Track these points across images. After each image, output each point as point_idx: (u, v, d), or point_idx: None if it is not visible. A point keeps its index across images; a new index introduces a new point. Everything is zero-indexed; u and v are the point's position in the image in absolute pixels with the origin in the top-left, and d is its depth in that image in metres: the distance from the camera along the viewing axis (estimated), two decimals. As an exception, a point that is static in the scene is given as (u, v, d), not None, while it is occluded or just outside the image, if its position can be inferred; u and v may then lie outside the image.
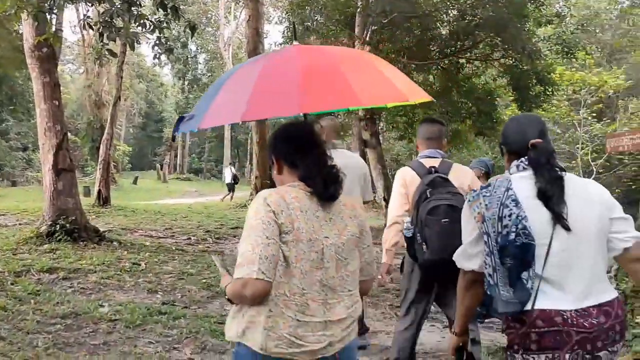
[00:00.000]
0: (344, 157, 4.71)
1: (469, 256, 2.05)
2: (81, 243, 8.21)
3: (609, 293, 1.97)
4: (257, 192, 16.90)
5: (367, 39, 13.02)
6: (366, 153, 14.02)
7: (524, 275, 1.90)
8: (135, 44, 7.65)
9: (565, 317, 1.88)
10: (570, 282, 1.91)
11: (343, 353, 1.97)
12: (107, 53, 8.58)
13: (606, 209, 2.01)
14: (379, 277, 3.59)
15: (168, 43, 7.94)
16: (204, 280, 6.59)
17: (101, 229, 9.22)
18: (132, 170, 47.58)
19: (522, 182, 2.00)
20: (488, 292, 1.97)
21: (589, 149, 23.85)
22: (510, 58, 13.76)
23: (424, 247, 3.20)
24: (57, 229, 8.19)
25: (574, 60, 16.79)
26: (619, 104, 27.26)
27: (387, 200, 13.46)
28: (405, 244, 3.35)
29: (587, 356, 1.88)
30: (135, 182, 34.40)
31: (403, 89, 2.33)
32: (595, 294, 1.92)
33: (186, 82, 50.82)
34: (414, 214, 3.27)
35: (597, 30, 29.45)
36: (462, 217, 2.11)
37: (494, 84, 16.04)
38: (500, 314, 1.96)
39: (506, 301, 1.92)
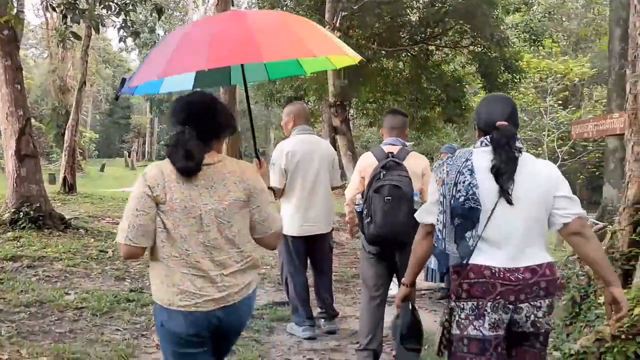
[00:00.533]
0: (313, 143, 4.69)
1: (430, 212, 2.36)
2: (46, 231, 8.02)
3: (540, 258, 2.24)
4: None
5: (337, 24, 12.97)
6: (336, 139, 14.03)
7: (468, 234, 2.23)
8: (100, 26, 7.47)
9: (493, 271, 2.19)
10: (504, 245, 2.21)
11: (244, 305, 2.28)
12: (71, 36, 8.35)
13: (552, 187, 2.28)
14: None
15: (134, 26, 7.77)
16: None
17: (67, 217, 9.03)
18: (99, 158, 46.74)
19: (481, 155, 2.29)
20: (435, 245, 2.29)
21: (554, 135, 24.31)
22: (479, 45, 13.90)
23: (368, 220, 3.62)
24: (21, 216, 7.98)
25: (541, 48, 17.04)
26: (584, 91, 27.83)
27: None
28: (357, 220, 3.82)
29: (510, 306, 2.19)
30: (102, 169, 33.79)
31: (314, 47, 2.55)
32: (525, 257, 2.21)
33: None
34: (366, 192, 3.70)
35: (564, 19, 29.93)
36: (430, 182, 2.44)
37: (462, 71, 16.20)
38: (457, 265, 2.27)
39: (450, 255, 2.26)
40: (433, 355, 3.60)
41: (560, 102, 25.18)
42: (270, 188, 2.56)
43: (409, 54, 14.86)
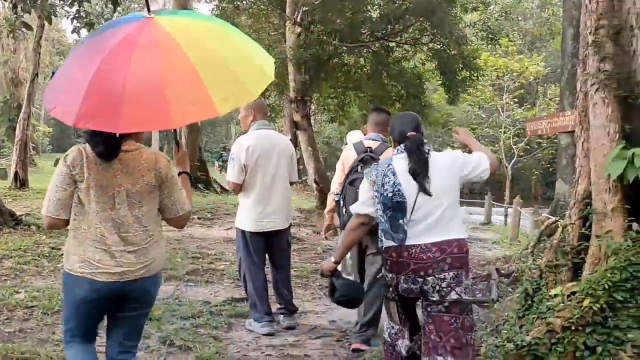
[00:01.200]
0: (272, 138, 4.67)
1: (366, 206, 2.95)
2: (-4, 227, 7.77)
3: (451, 235, 2.81)
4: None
5: (298, 19, 12.92)
6: (297, 135, 13.99)
7: (400, 221, 2.82)
8: (53, 17, 7.22)
9: (410, 252, 2.80)
10: (425, 227, 2.80)
11: (141, 281, 2.52)
12: (22, 26, 8.06)
13: (457, 170, 2.92)
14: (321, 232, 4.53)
15: (89, 17, 7.55)
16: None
17: (18, 213, 8.75)
18: (54, 152, 45.42)
19: (399, 161, 2.92)
20: (381, 228, 2.90)
21: (511, 133, 24.86)
22: (439, 43, 14.05)
23: (344, 211, 3.92)
24: (-31, 212, 7.71)
25: (498, 46, 17.36)
26: (539, 89, 28.53)
27: (317, 183, 13.53)
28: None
29: (419, 279, 2.78)
30: (56, 164, 32.53)
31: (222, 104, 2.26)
32: (439, 235, 2.79)
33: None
34: (343, 183, 4.03)
35: (520, 19, 30.59)
36: (361, 185, 3.05)
37: (422, 68, 16.33)
38: (387, 247, 2.89)
39: (391, 237, 2.85)
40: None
41: (516, 99, 25.78)
42: (216, 184, 2.83)
43: (370, 50, 14.91)
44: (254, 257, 4.58)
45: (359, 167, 3.88)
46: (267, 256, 4.72)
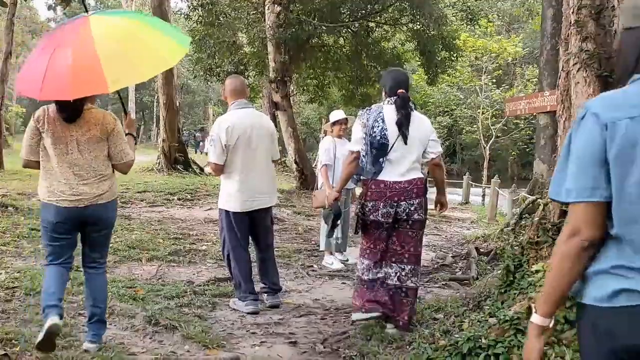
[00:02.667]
0: (252, 117, 4.63)
1: (357, 144, 3.90)
2: (-29, 209, 7.63)
3: (416, 175, 3.88)
4: (164, 156, 16.46)
5: (278, -1, 12.80)
6: (277, 115, 13.93)
7: (381, 159, 3.82)
8: (27, -7, 7.03)
9: (386, 184, 3.80)
10: (397, 166, 3.82)
11: (94, 207, 3.34)
12: (-6, 3, 7.85)
13: (429, 132, 3.97)
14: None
15: (65, -7, 7.36)
16: (110, 245, 6.34)
17: (-6, 194, 8.61)
18: (27, 133, 44.58)
19: (389, 110, 3.86)
20: (361, 165, 3.89)
21: (489, 113, 25.07)
22: (418, 23, 14.04)
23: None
24: (-57, 194, 7.55)
25: (477, 27, 17.43)
26: (517, 70, 28.75)
27: (297, 163, 13.52)
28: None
29: (394, 204, 3.79)
30: (30, 145, 32.22)
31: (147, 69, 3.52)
32: (409, 174, 3.84)
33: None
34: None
35: (498, -1, 30.65)
36: (354, 125, 3.99)
37: (402, 49, 16.35)
38: (366, 179, 3.90)
39: (369, 172, 3.86)
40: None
41: (494, 80, 25.96)
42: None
43: (349, 31, 14.85)
44: (239, 237, 4.58)
45: None
46: (250, 236, 4.72)
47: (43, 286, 3.41)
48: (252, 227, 4.65)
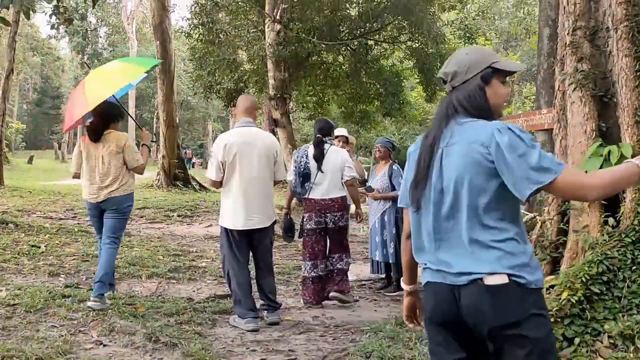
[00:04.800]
0: (252, 135, 4.65)
1: (290, 175, 5.39)
2: (-29, 226, 7.65)
3: (337, 194, 5.30)
4: (164, 172, 16.48)
5: (277, 17, 12.92)
6: (276, 132, 13.98)
7: (306, 184, 5.30)
8: (31, 12, 7.12)
9: (315, 200, 5.27)
10: (320, 188, 5.26)
11: (113, 199, 4.75)
12: (0, 22, 7.91)
13: (343, 162, 5.31)
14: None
15: (67, 12, 7.45)
16: (110, 262, 6.36)
17: (-6, 211, 8.63)
18: (27, 150, 44.66)
19: (311, 148, 5.38)
20: (293, 190, 5.43)
21: (487, 130, 25.11)
22: (417, 41, 14.18)
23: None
24: (-56, 211, 7.57)
25: (475, 45, 17.56)
26: (515, 88, 28.93)
27: (297, 180, 13.54)
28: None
29: (322, 215, 5.26)
30: (30, 161, 32.30)
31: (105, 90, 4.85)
32: (330, 194, 5.27)
33: (86, 57, 48.04)
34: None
35: (496, 18, 30.94)
36: (292, 160, 5.66)
37: (400, 66, 16.47)
38: (304, 198, 5.37)
39: (299, 193, 5.39)
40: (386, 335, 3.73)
41: (492, 98, 26.04)
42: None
43: (348, 48, 14.98)
44: (237, 255, 4.60)
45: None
46: (251, 253, 4.74)
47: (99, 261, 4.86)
48: (251, 245, 4.68)
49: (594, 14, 3.78)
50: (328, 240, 5.40)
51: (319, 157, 5.29)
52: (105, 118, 4.81)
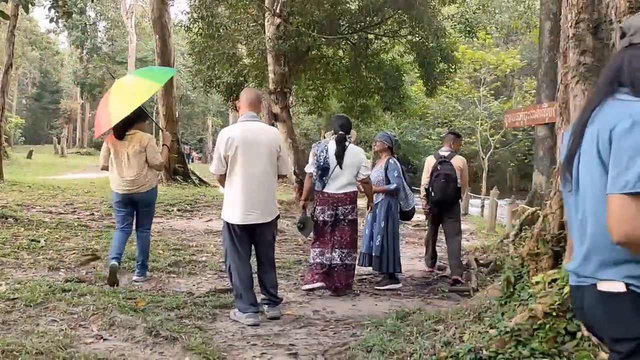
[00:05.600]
0: (255, 130, 4.63)
1: (310, 167, 5.67)
2: (-29, 220, 7.64)
3: (349, 189, 5.57)
4: (164, 167, 16.42)
5: (277, 11, 12.87)
6: (276, 126, 13.95)
7: (325, 178, 5.54)
8: (30, 5, 7.08)
9: (329, 193, 5.54)
10: (335, 182, 5.53)
11: (138, 195, 5.43)
12: (-2, 15, 7.87)
13: (360, 161, 5.59)
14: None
15: (66, 5, 7.40)
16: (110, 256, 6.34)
17: (-6, 205, 8.61)
18: (26, 144, 44.60)
19: (332, 144, 5.61)
20: (313, 182, 5.62)
21: (487, 125, 25.13)
22: (417, 35, 14.12)
23: (432, 194, 6.71)
24: (-57, 205, 7.55)
25: (475, 39, 17.53)
26: (515, 82, 28.87)
27: (297, 174, 13.52)
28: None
29: (334, 207, 5.53)
30: (29, 156, 32.23)
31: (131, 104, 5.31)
32: (344, 189, 5.55)
33: (85, 51, 47.91)
34: (430, 178, 6.76)
35: (496, 11, 30.83)
36: (310, 154, 5.75)
37: (401, 60, 16.41)
38: (316, 191, 5.60)
39: (318, 186, 5.56)
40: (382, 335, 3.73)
41: (492, 92, 26.06)
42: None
43: (348, 43, 14.92)
44: (239, 249, 4.59)
45: (438, 166, 6.68)
46: (252, 247, 4.73)
47: (112, 244, 5.51)
48: (253, 240, 4.66)
49: (597, 6, 3.74)
50: (337, 233, 5.58)
51: (341, 153, 5.52)
52: (128, 120, 5.28)
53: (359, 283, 6.36)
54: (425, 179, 6.85)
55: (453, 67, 14.96)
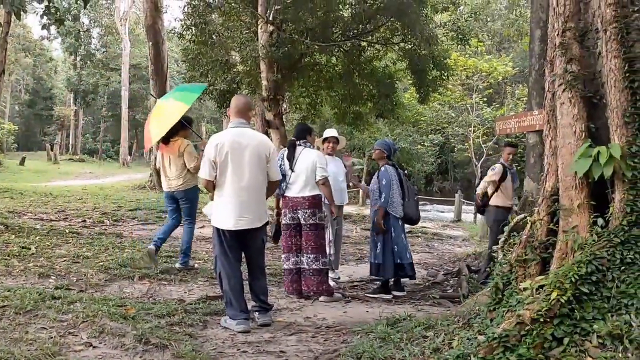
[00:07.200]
0: (244, 136, 4.64)
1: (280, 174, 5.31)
2: (-39, 227, 7.60)
3: (309, 192, 5.72)
4: (157, 174, 16.38)
5: (270, 18, 12.90)
6: (269, 134, 13.96)
7: (283, 184, 5.75)
8: (22, 12, 7.08)
9: (289, 197, 5.80)
10: (293, 187, 5.78)
11: (179, 192, 6.56)
12: (-11, 22, 7.88)
13: (314, 163, 5.72)
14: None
15: (58, 13, 7.40)
16: (101, 263, 6.34)
17: (-15, 212, 8.56)
18: (19, 151, 44.43)
19: (285, 150, 6.00)
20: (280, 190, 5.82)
21: (480, 131, 25.23)
22: (409, 42, 14.17)
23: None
24: None
25: (468, 47, 17.62)
26: (507, 89, 29.03)
27: (290, 181, 13.51)
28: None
29: (295, 211, 5.75)
30: (22, 162, 32.11)
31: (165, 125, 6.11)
32: (302, 192, 5.73)
33: (78, 58, 47.84)
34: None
35: (488, 19, 31.06)
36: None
37: (394, 68, 16.45)
38: (281, 195, 5.93)
39: (281, 191, 5.82)
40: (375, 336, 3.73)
41: (485, 99, 26.18)
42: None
43: (341, 50, 14.95)
44: (229, 255, 4.60)
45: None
46: (243, 254, 4.73)
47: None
48: (243, 246, 4.67)
49: (583, 15, 3.79)
50: (301, 238, 5.75)
51: (290, 157, 5.83)
52: (172, 129, 6.14)
53: (351, 290, 6.38)
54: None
55: (446, 74, 15.01)
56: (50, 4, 7.24)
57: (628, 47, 3.53)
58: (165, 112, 6.25)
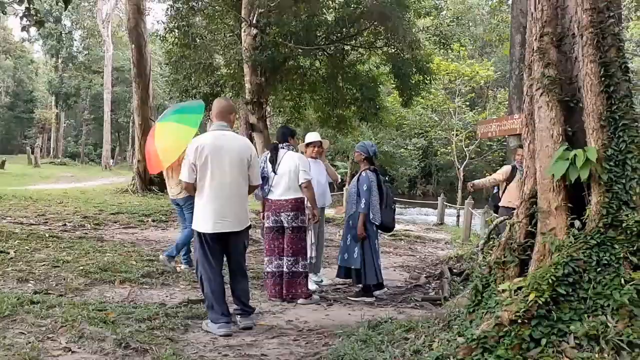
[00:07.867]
0: (225, 139, 4.63)
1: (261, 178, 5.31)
2: (-61, 231, 7.48)
3: (292, 195, 5.73)
4: (139, 177, 16.30)
5: (254, 21, 12.91)
6: (253, 137, 13.95)
7: (266, 187, 5.78)
8: (1, 13, 7.01)
9: (272, 200, 5.78)
10: (276, 190, 5.76)
11: (179, 199, 6.84)
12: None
13: (296, 166, 5.71)
14: None
15: (38, 14, 7.33)
16: (81, 268, 6.27)
17: (-37, 216, 8.44)
18: (-1, 154, 43.85)
19: (269, 154, 5.93)
20: (255, 193, 5.54)
21: (462, 135, 25.42)
22: (393, 47, 14.27)
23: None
24: None
25: (450, 51, 17.76)
26: (489, 93, 29.31)
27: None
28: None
29: (278, 214, 5.74)
30: (2, 166, 31.68)
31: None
32: (285, 195, 5.72)
33: (60, 60, 47.36)
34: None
35: (471, 24, 31.34)
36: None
37: (377, 72, 16.54)
38: (264, 198, 5.88)
39: (260, 195, 5.84)
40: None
41: (467, 103, 26.41)
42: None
43: (325, 53, 15.02)
44: (210, 258, 4.58)
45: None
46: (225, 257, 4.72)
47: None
48: (225, 250, 4.66)
49: (560, 20, 3.85)
50: (284, 241, 5.75)
51: (273, 160, 5.84)
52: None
53: (333, 293, 6.38)
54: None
55: (428, 78, 15.13)
56: (31, 6, 7.17)
57: (604, 52, 3.60)
58: (172, 137, 6.55)
